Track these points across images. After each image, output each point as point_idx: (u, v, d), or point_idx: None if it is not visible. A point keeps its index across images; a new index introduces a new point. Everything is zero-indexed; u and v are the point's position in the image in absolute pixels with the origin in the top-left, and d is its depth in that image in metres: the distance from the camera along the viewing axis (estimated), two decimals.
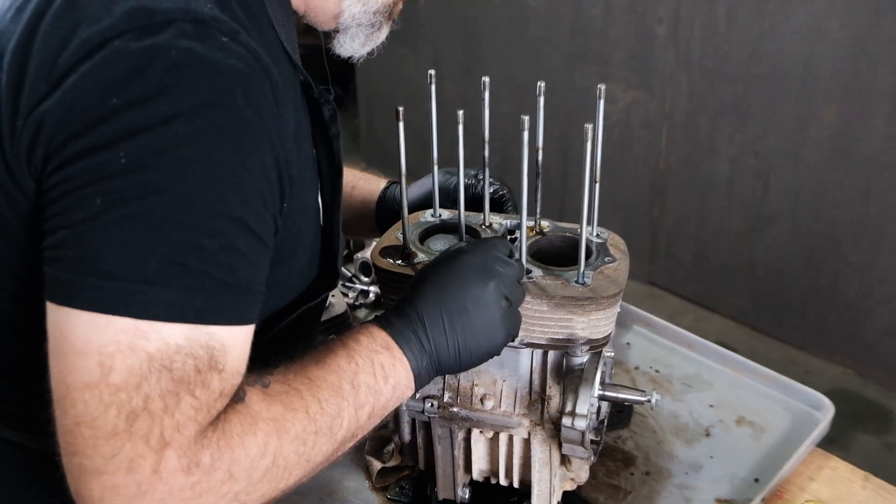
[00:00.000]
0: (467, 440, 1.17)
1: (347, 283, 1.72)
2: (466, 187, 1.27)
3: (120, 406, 0.73)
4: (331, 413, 0.85)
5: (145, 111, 0.77)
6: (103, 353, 0.74)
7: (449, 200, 1.26)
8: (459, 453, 1.17)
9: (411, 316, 0.94)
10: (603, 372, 1.13)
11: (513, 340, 1.01)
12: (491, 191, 1.28)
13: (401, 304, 0.96)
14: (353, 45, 1.07)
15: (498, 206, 1.29)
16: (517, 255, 1.05)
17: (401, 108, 1.04)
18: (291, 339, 1.06)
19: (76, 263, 0.75)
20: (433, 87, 1.10)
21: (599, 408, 1.14)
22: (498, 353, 0.98)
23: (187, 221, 0.77)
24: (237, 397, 0.80)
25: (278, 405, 0.82)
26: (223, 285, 0.79)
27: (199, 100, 0.78)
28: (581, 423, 1.06)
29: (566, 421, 1.06)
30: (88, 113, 0.77)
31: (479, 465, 1.18)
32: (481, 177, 1.24)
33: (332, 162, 1.05)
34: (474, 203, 1.25)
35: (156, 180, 0.76)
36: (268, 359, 0.86)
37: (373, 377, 0.90)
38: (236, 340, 0.80)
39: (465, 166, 1.13)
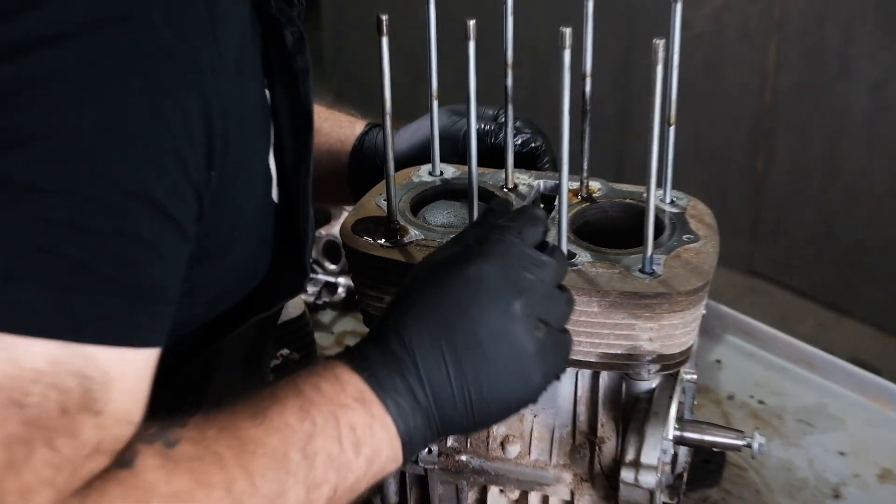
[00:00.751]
0: (482, 503, 1.18)
1: None
2: (481, 135, 1.27)
3: None
4: (268, 494, 0.84)
5: (11, 29, 0.76)
6: None
7: (456, 154, 1.26)
8: None
9: (397, 352, 0.92)
10: (681, 403, 1.13)
11: (557, 379, 0.99)
12: (518, 142, 1.28)
13: (381, 331, 0.94)
14: None
15: (528, 161, 1.29)
16: (553, 240, 1.04)
17: (384, 17, 1.04)
18: (225, 370, 1.06)
19: None
20: None
21: (676, 456, 1.15)
22: (534, 402, 0.97)
23: (65, 191, 0.76)
24: (123, 459, 0.79)
25: (185, 477, 0.80)
26: (115, 287, 0.78)
27: (93, 13, 0.78)
28: (649, 479, 1.06)
29: (627, 475, 1.07)
30: None
31: None
32: (503, 119, 1.24)
33: (297, 110, 1.04)
34: (492, 158, 1.24)
35: (21, 128, 0.76)
36: (181, 403, 0.86)
37: (337, 444, 0.89)
38: (127, 370, 0.80)
39: (479, 103, 1.13)
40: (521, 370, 0.94)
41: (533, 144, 1.29)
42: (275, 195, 1.06)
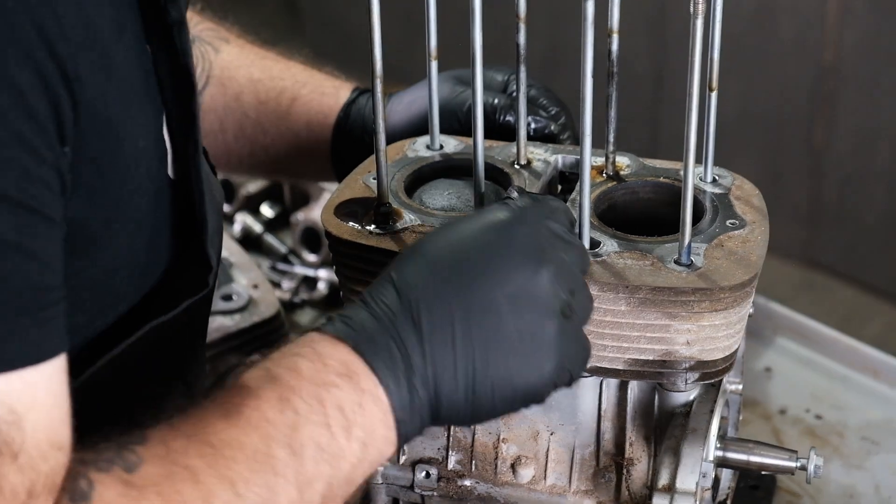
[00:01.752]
0: None
1: (281, 266, 1.72)
2: (487, 111, 1.26)
3: None
4: (255, 501, 0.85)
5: None
6: None
7: (457, 130, 1.25)
8: None
9: (395, 309, 0.93)
10: (723, 418, 1.13)
11: (568, 384, 0.99)
12: (532, 127, 1.27)
13: (379, 289, 0.95)
14: None
15: (548, 137, 1.29)
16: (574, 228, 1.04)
17: None
18: (136, 388, 1.06)
19: None
20: None
21: (718, 480, 1.15)
22: (541, 400, 0.98)
23: None
24: (79, 493, 0.80)
25: (154, 503, 0.81)
26: None
27: None
28: None
29: (660, 502, 1.07)
30: None
31: None
32: (515, 89, 1.23)
33: (176, 70, 1.03)
34: (500, 138, 1.24)
35: None
36: (136, 413, 0.85)
37: (326, 431, 0.89)
38: (36, 392, 0.80)
39: (486, 63, 1.12)
40: (535, 350, 0.95)
41: (547, 132, 1.29)
42: (171, 172, 1.05)
